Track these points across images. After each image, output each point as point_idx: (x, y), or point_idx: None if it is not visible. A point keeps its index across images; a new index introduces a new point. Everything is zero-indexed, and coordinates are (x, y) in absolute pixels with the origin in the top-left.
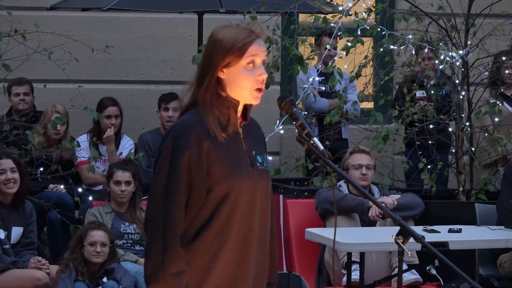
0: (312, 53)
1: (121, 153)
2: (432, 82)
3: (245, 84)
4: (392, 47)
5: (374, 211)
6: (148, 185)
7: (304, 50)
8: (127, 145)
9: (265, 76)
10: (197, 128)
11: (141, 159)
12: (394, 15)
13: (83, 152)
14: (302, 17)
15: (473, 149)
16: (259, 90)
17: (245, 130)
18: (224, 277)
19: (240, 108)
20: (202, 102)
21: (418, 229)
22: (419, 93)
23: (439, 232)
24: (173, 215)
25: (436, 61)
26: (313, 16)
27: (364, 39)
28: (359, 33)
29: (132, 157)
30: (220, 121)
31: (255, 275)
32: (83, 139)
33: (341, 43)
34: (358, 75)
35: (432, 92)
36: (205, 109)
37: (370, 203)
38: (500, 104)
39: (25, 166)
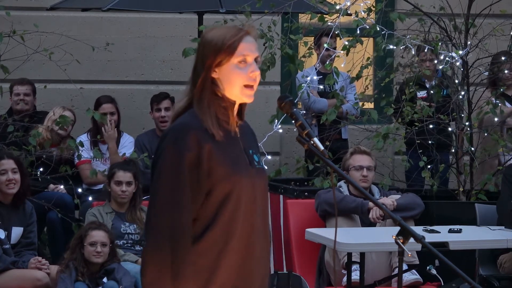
0: (308, 51)
1: (124, 154)
2: (433, 83)
3: (236, 81)
4: (391, 47)
5: (374, 213)
6: (146, 186)
7: (300, 48)
8: (126, 143)
9: (257, 72)
10: (197, 130)
11: (146, 160)
12: (390, 15)
13: (84, 151)
14: (301, 16)
15: (473, 149)
16: (248, 87)
17: (240, 130)
18: (231, 275)
19: (236, 108)
20: (198, 102)
21: (418, 229)
22: (420, 94)
23: (439, 232)
24: (182, 222)
25: (436, 61)
26: (310, 14)
27: (364, 39)
28: (358, 32)
29: (137, 158)
30: (218, 121)
31: (259, 271)
32: (83, 139)
33: (340, 42)
34: (359, 76)
35: (432, 92)
36: (202, 109)
37: (370, 204)
38: (501, 105)
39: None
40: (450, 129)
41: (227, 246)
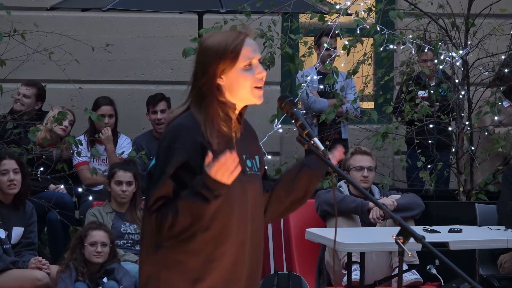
0: (308, 50)
1: (122, 152)
2: (433, 83)
3: (245, 84)
4: (391, 46)
5: (374, 214)
6: (143, 188)
7: (299, 48)
8: (124, 144)
9: (264, 73)
10: (194, 132)
11: (144, 158)
12: (389, 13)
13: (81, 152)
14: (301, 16)
15: (473, 148)
16: (257, 88)
17: (240, 132)
18: (219, 278)
19: (236, 112)
20: (198, 108)
21: (419, 229)
22: (420, 93)
23: (440, 232)
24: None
25: (436, 61)
26: (310, 14)
27: (364, 39)
28: (358, 32)
29: (135, 156)
30: (216, 127)
31: (248, 276)
32: (81, 140)
33: (340, 42)
34: (355, 71)
35: (432, 92)
36: (201, 115)
37: (370, 204)
38: (499, 104)
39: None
40: (450, 128)
41: (219, 249)
